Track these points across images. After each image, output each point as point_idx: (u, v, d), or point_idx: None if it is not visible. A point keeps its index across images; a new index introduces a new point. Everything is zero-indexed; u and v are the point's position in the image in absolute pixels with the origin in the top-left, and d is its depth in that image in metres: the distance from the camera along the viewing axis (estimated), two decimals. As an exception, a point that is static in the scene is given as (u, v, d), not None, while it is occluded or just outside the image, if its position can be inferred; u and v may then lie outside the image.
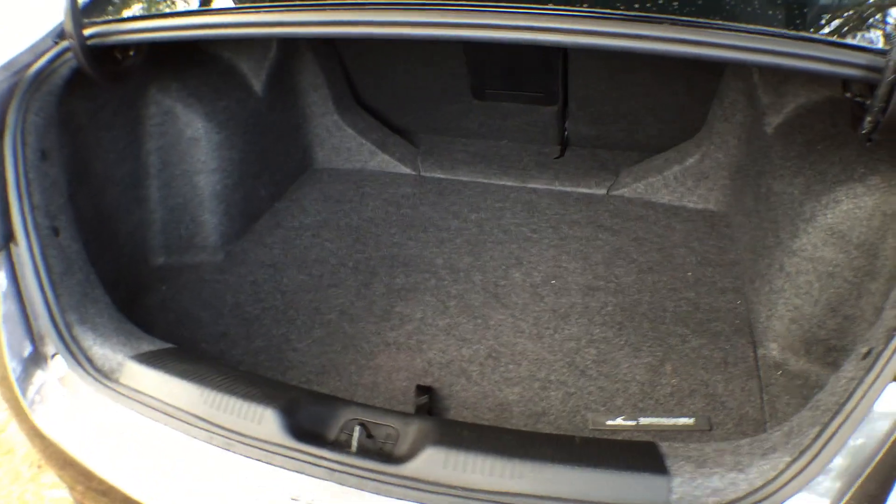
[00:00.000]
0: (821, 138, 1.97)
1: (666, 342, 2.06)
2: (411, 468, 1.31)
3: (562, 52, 2.69)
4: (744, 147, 2.47)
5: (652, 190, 2.73)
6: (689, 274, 2.34)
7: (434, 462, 1.31)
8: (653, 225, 2.60)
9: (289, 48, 2.75)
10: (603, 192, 2.80)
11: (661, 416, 1.83)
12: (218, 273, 2.42)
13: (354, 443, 1.35)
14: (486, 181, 2.92)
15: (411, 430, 1.40)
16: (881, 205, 1.72)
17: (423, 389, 1.92)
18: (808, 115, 2.09)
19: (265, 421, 1.38)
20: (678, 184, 2.68)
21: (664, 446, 1.42)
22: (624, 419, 1.83)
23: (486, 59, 2.79)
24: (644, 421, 1.82)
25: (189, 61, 2.46)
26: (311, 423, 1.41)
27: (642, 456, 1.38)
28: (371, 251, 2.52)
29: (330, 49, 2.90)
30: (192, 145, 2.38)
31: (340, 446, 1.36)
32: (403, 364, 2.04)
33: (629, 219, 2.64)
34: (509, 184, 2.90)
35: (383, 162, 3.01)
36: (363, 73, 3.00)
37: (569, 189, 2.84)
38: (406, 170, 3.00)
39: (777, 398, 1.85)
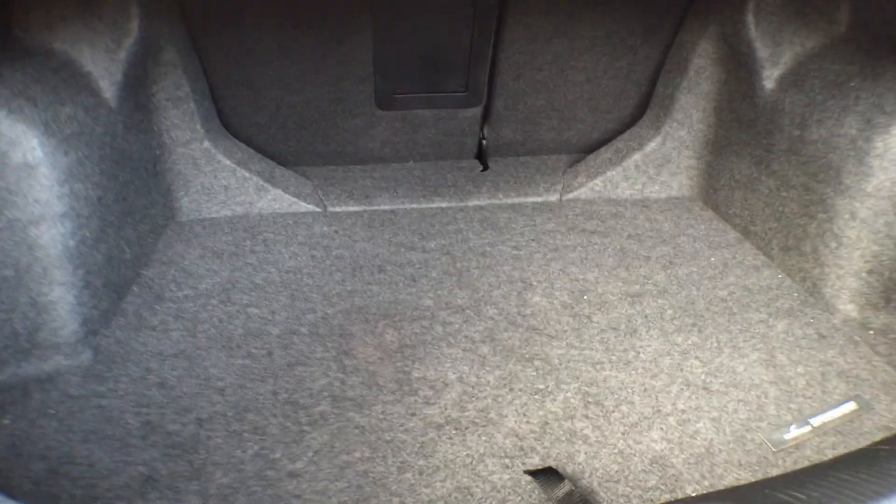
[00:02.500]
0: (845, 77, 1.80)
1: (754, 332, 1.68)
2: None
3: (492, 38, 2.25)
4: (713, 117, 2.24)
5: (611, 185, 2.37)
6: (712, 259, 2.00)
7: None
8: (634, 220, 2.22)
9: (150, 35, 1.87)
10: (555, 197, 2.37)
11: (826, 411, 1.45)
12: (94, 382, 1.44)
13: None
14: (417, 206, 2.30)
15: None
16: None
17: (544, 475, 1.23)
18: (813, 61, 1.93)
19: None
20: (640, 173, 2.36)
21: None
22: (797, 427, 1.38)
23: (400, 53, 2.22)
24: (816, 421, 1.42)
25: (5, 49, 1.50)
26: None
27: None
28: (323, 307, 1.74)
29: (193, 54, 2.06)
30: (25, 177, 1.41)
31: None
32: (482, 448, 1.32)
33: (605, 218, 2.23)
34: (446, 204, 2.31)
35: (276, 199, 2.21)
36: (231, 87, 2.20)
37: (517, 200, 2.36)
38: (309, 206, 2.24)
39: (891, 357, 1.60)
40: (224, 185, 2.15)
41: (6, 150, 1.39)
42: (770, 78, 2.01)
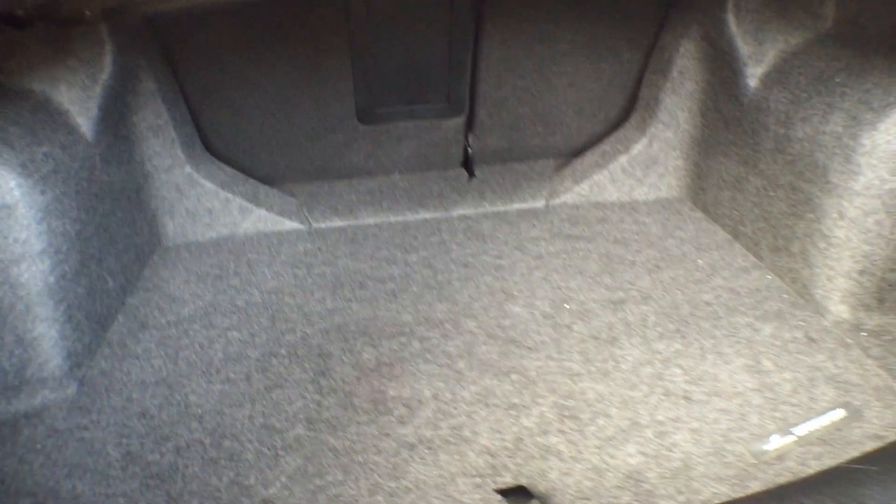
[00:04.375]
0: (831, 74, 1.76)
1: (739, 336, 1.64)
2: None
3: (472, 48, 2.24)
4: (699, 117, 2.22)
5: (598, 189, 2.35)
6: (700, 262, 1.96)
7: None
8: (620, 223, 2.20)
9: (125, 68, 1.90)
10: (541, 204, 2.35)
11: (812, 419, 1.40)
12: (78, 414, 1.45)
13: None
14: (401, 219, 2.29)
15: None
16: None
17: (515, 494, 1.22)
18: (798, 58, 1.89)
19: None
20: (626, 176, 2.34)
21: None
22: (781, 436, 1.34)
23: (378, 68, 2.22)
24: (800, 431, 1.37)
25: None
26: None
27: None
28: (303, 328, 1.74)
29: (172, 81, 2.09)
30: (5, 218, 1.44)
31: None
32: (454, 467, 1.31)
33: (591, 223, 2.21)
34: (430, 216, 2.31)
35: (260, 219, 2.22)
36: (213, 112, 2.22)
37: (502, 208, 2.34)
38: (293, 224, 2.25)
39: (885, 360, 1.54)
40: (208, 208, 2.16)
41: None
42: (754, 76, 1.97)
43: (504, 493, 1.23)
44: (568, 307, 1.78)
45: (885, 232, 1.61)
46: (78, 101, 1.79)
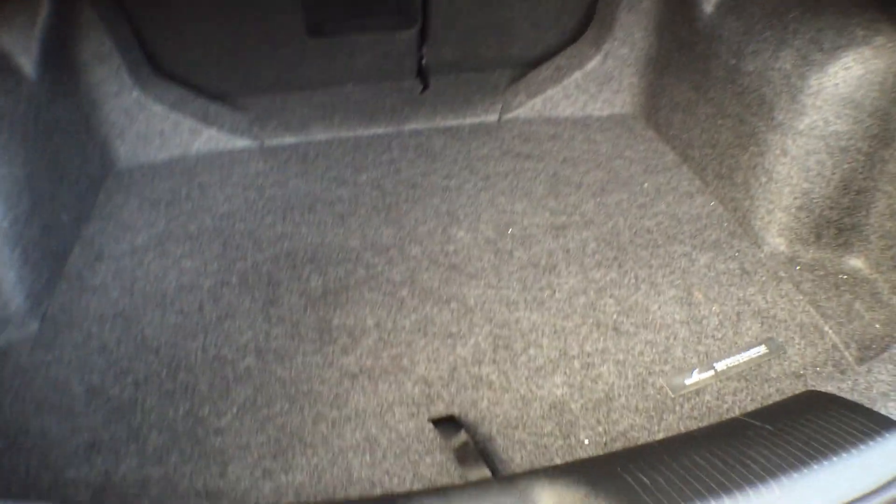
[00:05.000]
0: (784, 8, 1.73)
1: (675, 266, 1.72)
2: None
3: None
4: (654, 37, 2.18)
5: (551, 104, 2.34)
6: (645, 185, 2.01)
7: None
8: (571, 141, 2.22)
9: (64, 4, 1.84)
10: (494, 118, 2.34)
11: (733, 354, 1.48)
12: (41, 351, 1.52)
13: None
14: (352, 134, 2.29)
15: None
16: (892, 66, 1.52)
17: (445, 424, 1.33)
18: None
19: None
20: (580, 92, 2.32)
21: (829, 391, 1.10)
22: (700, 372, 1.45)
23: None
24: (720, 366, 1.46)
25: None
26: None
27: (846, 413, 1.02)
28: (253, 254, 1.79)
29: (114, 7, 2.01)
30: None
31: None
32: (392, 396, 1.41)
33: (542, 140, 2.23)
34: (383, 131, 2.30)
35: (211, 139, 2.20)
36: (159, 31, 2.14)
37: (454, 123, 2.34)
38: (244, 141, 2.23)
39: (815, 295, 1.61)
40: (159, 130, 2.13)
41: None
42: (709, 2, 1.93)
43: (435, 422, 1.34)
44: (511, 232, 1.84)
45: (825, 172, 1.65)
46: (18, 42, 1.74)
